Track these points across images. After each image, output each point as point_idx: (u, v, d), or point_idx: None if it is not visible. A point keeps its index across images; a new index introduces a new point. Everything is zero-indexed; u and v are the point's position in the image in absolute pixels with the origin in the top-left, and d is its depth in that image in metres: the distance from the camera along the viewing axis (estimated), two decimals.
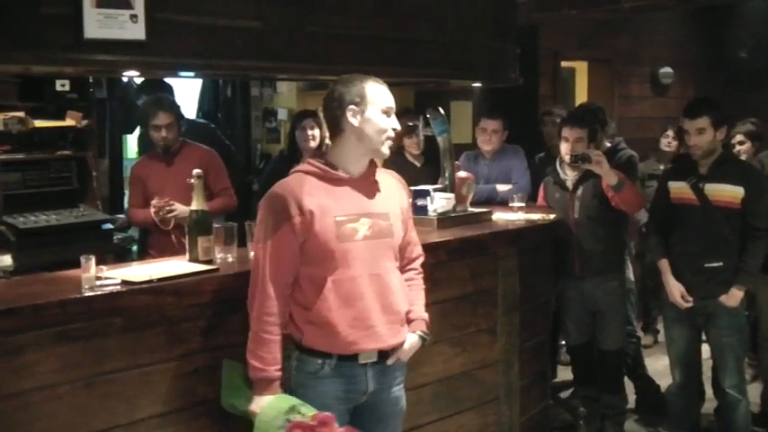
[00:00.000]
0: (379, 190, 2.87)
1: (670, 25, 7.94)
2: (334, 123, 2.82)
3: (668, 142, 6.32)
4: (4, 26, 2.94)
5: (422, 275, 3.05)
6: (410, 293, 2.96)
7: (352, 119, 2.77)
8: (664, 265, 4.20)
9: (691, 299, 4.10)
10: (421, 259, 3.06)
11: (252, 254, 3.23)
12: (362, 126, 2.77)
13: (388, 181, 2.95)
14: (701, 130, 4.01)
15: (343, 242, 2.73)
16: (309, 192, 2.73)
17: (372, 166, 2.89)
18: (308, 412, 2.63)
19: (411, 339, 2.90)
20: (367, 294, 2.75)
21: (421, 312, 2.97)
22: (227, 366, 2.88)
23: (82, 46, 3.03)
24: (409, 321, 2.92)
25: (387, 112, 2.81)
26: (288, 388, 2.80)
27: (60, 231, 4.33)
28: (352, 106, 2.77)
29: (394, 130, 2.84)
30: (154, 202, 4.46)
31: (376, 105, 2.79)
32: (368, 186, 2.84)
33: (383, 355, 2.83)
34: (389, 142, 2.84)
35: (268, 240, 2.72)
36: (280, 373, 2.73)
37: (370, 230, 2.77)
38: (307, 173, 2.80)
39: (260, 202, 2.81)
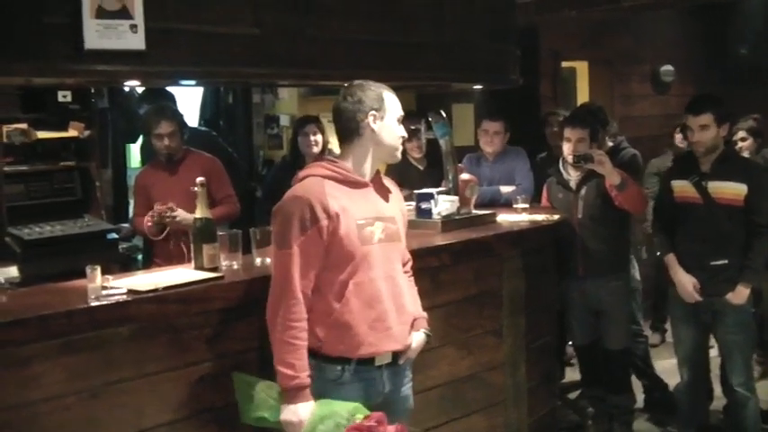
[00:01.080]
0: (386, 194, 2.92)
1: (669, 23, 7.92)
2: (350, 127, 2.83)
3: (682, 138, 6.30)
4: (4, 38, 2.95)
5: (412, 276, 3.09)
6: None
7: (374, 124, 2.81)
8: (671, 259, 4.18)
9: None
10: (411, 261, 3.10)
11: (258, 260, 3.26)
12: (381, 131, 2.82)
13: (391, 186, 3.01)
14: (704, 127, 4.01)
15: (365, 245, 2.76)
16: (332, 195, 2.74)
17: (378, 171, 2.93)
18: (358, 414, 2.64)
19: (417, 338, 2.94)
20: (384, 296, 2.79)
21: (421, 311, 3.01)
22: (241, 381, 2.87)
23: (82, 57, 3.04)
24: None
25: (399, 120, 2.89)
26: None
27: (65, 242, 4.33)
28: (373, 111, 2.81)
29: (402, 137, 2.92)
30: (156, 206, 4.43)
31: (392, 113, 2.86)
32: (378, 190, 2.89)
33: (395, 355, 2.87)
34: (401, 147, 2.93)
35: (294, 244, 2.68)
36: (309, 380, 2.71)
37: (384, 233, 2.82)
38: (324, 177, 2.79)
39: (277, 207, 2.77)
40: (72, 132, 4.74)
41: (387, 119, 2.83)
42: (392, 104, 2.86)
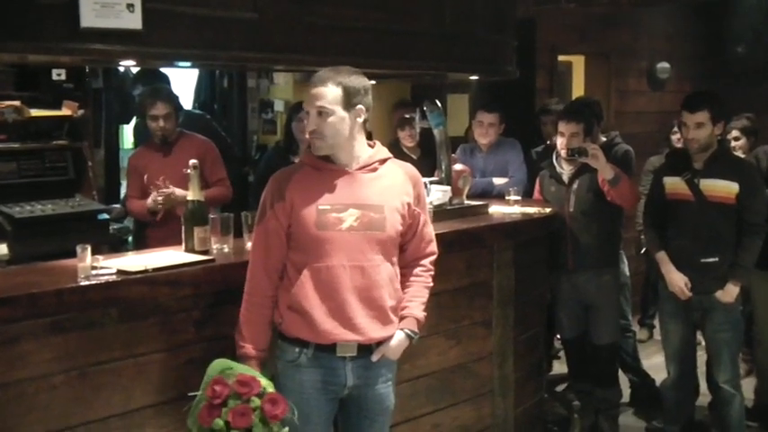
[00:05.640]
0: (377, 181, 2.83)
1: (667, 20, 7.92)
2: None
3: (678, 138, 6.28)
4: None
5: (430, 273, 3.00)
6: (410, 289, 2.93)
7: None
8: (662, 256, 4.20)
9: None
10: (433, 257, 3.01)
11: (249, 244, 3.26)
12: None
13: (396, 173, 2.90)
14: (699, 124, 4.01)
15: (324, 231, 2.73)
16: (298, 180, 2.79)
17: (377, 156, 2.87)
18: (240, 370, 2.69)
19: (398, 337, 2.86)
20: (345, 285, 2.74)
21: (414, 310, 2.91)
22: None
23: (78, 35, 3.02)
24: (402, 318, 2.89)
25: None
26: (273, 376, 2.83)
27: (56, 221, 4.32)
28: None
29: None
30: (153, 195, 4.43)
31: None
32: (365, 177, 2.82)
33: (365, 349, 2.81)
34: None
35: (257, 225, 2.84)
36: (255, 352, 2.79)
37: (358, 221, 2.75)
38: (304, 163, 2.87)
39: None
40: (66, 111, 4.72)
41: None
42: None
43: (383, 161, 2.88)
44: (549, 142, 5.41)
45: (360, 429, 2.94)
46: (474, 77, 5.28)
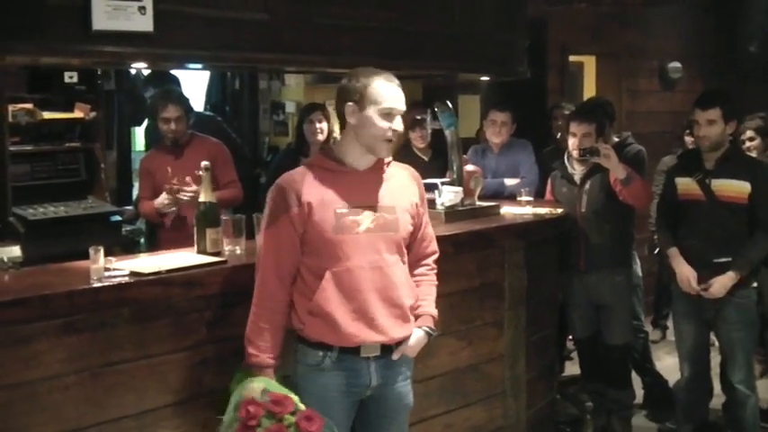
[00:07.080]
0: (387, 183, 2.85)
1: (679, 19, 7.89)
2: (339, 117, 2.84)
3: (692, 141, 6.24)
4: (12, 17, 2.95)
5: (434, 272, 3.03)
6: (420, 289, 2.94)
7: (350, 117, 2.76)
8: (674, 252, 4.17)
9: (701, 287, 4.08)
10: (435, 256, 3.04)
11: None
12: (359, 123, 2.75)
13: (401, 175, 2.92)
14: (711, 122, 4.00)
15: (342, 234, 2.72)
16: (311, 183, 2.75)
17: (382, 159, 2.87)
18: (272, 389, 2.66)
19: (417, 335, 2.88)
20: (367, 287, 2.74)
21: (429, 308, 2.94)
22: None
23: (90, 37, 3.04)
24: (417, 317, 2.91)
25: (388, 114, 2.74)
26: (292, 380, 2.82)
27: (69, 223, 4.34)
28: (350, 103, 2.75)
29: (394, 132, 2.76)
30: (161, 197, 4.46)
31: (375, 105, 2.73)
32: (375, 179, 2.83)
33: (386, 348, 2.82)
34: (387, 144, 2.78)
35: (268, 230, 2.77)
36: (273, 361, 2.76)
37: (374, 223, 2.76)
38: (313, 165, 2.84)
39: (267, 193, 2.83)
40: (78, 114, 4.74)
41: (368, 111, 2.72)
42: (378, 97, 2.72)
43: (387, 163, 2.90)
44: (558, 136, 5.41)
45: (380, 429, 2.95)
46: (485, 78, 5.28)
